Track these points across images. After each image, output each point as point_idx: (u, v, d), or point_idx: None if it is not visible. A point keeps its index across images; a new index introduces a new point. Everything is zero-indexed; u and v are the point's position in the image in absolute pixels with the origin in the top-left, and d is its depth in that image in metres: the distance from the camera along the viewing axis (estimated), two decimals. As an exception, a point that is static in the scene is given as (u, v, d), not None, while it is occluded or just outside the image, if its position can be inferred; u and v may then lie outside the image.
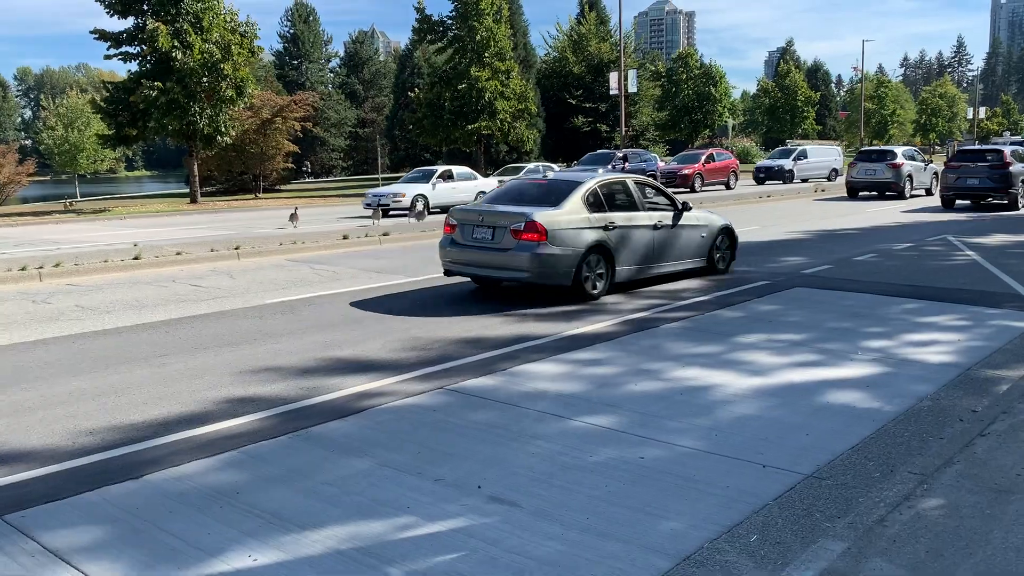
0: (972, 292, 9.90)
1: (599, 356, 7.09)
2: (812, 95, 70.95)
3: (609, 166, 28.47)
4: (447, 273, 10.37)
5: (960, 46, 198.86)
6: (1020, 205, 22.09)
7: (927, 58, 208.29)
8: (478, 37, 41.00)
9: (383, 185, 29.38)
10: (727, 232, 11.89)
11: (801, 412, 5.55)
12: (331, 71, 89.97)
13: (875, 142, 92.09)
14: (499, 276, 9.75)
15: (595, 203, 9.90)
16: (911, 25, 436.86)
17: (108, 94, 31.06)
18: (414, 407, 5.68)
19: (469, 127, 41.20)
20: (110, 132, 31.73)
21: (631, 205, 10.36)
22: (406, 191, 24.05)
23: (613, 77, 50.95)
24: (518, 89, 42.97)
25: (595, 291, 9.73)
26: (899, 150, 27.65)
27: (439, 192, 24.71)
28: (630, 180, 10.74)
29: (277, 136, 41.34)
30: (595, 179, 10.29)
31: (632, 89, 52.97)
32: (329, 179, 77.50)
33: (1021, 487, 3.99)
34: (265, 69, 70.82)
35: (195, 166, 32.23)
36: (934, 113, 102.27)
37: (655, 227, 10.46)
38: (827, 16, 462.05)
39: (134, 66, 30.71)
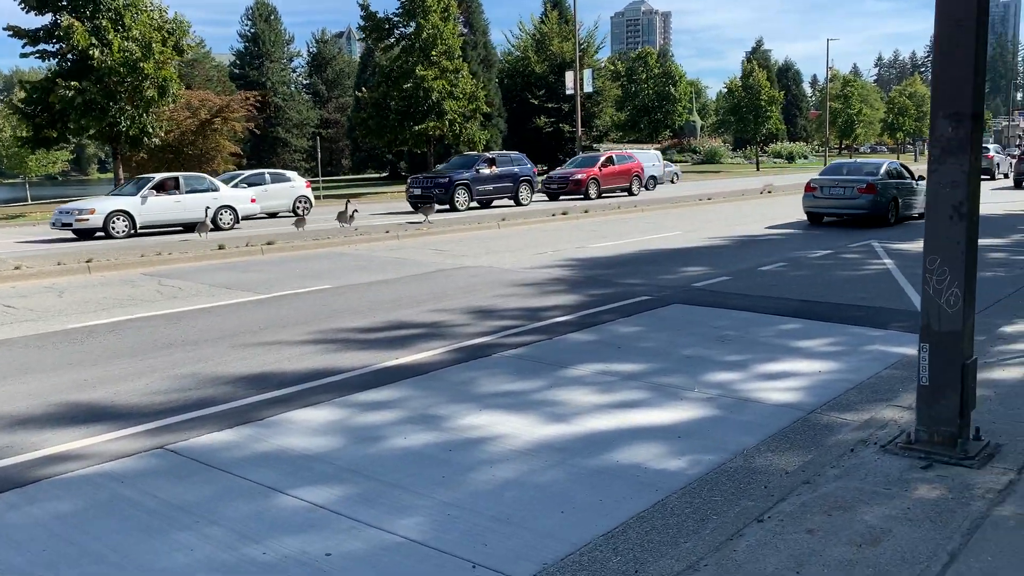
0: (865, 309, 8.97)
1: (393, 396, 6.04)
2: (776, 95, 70.26)
3: (473, 169, 26.08)
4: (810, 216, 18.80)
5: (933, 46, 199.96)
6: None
7: (901, 58, 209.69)
8: (424, 35, 39.84)
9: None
10: None
11: (576, 476, 4.53)
12: (293, 71, 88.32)
13: (844, 141, 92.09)
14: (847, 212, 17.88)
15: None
16: (887, 25, 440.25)
17: (26, 94, 29.60)
18: (100, 477, 4.59)
19: (416, 128, 40.02)
20: (28, 134, 30.28)
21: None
22: (97, 206, 18.91)
23: (569, 76, 50.13)
24: (468, 89, 41.84)
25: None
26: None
27: (152, 207, 19.39)
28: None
29: (217, 137, 39.88)
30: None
31: (588, 89, 52.15)
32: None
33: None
34: (218, 69, 69.41)
35: (119, 170, 30.78)
36: (901, 112, 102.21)
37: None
38: (804, 17, 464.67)
39: (54, 64, 29.27)
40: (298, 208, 24.97)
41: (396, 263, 13.57)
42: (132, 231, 19.01)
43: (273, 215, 25.30)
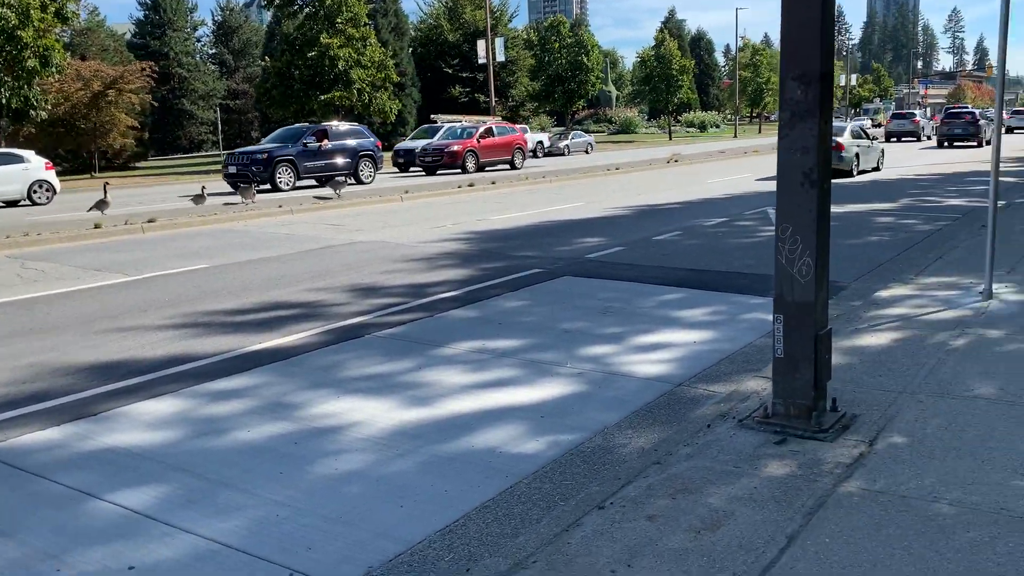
0: (750, 276, 8.95)
1: (247, 384, 5.67)
2: (687, 64, 70.95)
3: (300, 144, 23.15)
4: None
5: (840, 15, 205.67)
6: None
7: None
8: (329, 2, 38.61)
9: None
10: None
11: (426, 464, 4.27)
12: (198, 40, 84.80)
13: (754, 110, 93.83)
14: None
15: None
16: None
17: None
18: None
19: (323, 97, 38.89)
20: None
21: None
22: None
23: (481, 45, 49.54)
24: (376, 58, 40.83)
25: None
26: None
27: None
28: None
29: (111, 110, 37.97)
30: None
31: (501, 58, 51.62)
32: (198, 155, 73.13)
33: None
34: (114, 38, 66.06)
35: (1, 144, 28.96)
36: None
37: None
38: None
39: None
40: (34, 194, 21.21)
41: (284, 239, 13.04)
42: None
43: (10, 203, 21.21)
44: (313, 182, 24.05)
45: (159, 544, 3.51)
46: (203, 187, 18.90)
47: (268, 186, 22.19)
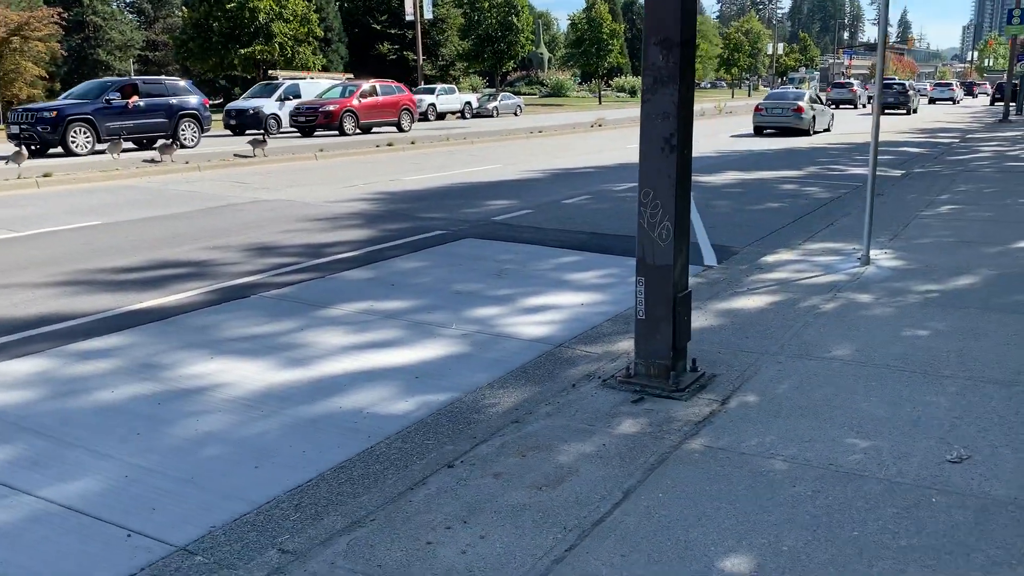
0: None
1: (117, 344, 5.52)
2: (617, 28, 71.03)
3: (101, 100, 19.96)
4: (757, 130, 26.04)
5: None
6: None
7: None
8: (249, -49, 37.32)
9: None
10: None
11: (290, 426, 4.25)
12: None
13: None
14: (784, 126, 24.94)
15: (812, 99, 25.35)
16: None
17: None
18: None
19: (243, 51, 37.75)
20: None
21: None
22: None
23: (408, 1, 48.56)
24: (299, 11, 39.76)
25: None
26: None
27: None
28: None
29: (16, 57, 36.12)
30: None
31: (428, 15, 50.76)
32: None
33: None
34: (19, -19, 62.57)
35: None
36: (736, 49, 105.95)
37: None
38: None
39: None
40: None
41: (186, 197, 12.67)
42: None
43: None
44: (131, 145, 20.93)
45: (-5, 506, 3.42)
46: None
47: (60, 149, 19.21)
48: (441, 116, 42.61)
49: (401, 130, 28.50)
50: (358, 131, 27.09)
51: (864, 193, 10.74)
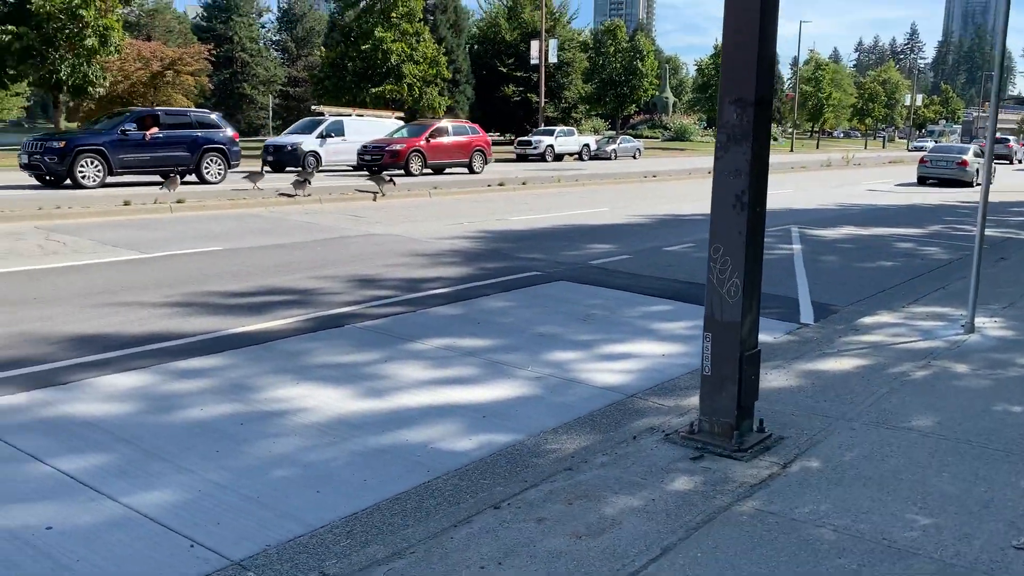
0: (745, 293, 8.93)
1: (215, 365, 5.90)
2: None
3: (116, 132, 18.61)
4: (920, 180, 26.57)
5: (913, 33, 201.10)
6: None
7: (880, 44, 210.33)
8: (385, -4, 39.18)
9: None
10: None
11: (355, 454, 4.44)
12: (263, 27, 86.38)
13: (814, 125, 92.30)
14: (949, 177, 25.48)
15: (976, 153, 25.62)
16: (872, 10, 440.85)
17: (-39, 37, 28.68)
18: None
19: (374, 90, 39.48)
20: (-37, 78, 29.40)
21: None
22: None
23: (535, 45, 49.66)
24: (429, 53, 41.31)
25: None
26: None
27: None
28: None
29: (168, 90, 39.06)
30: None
31: (553, 59, 51.67)
32: (255, 139, 74.49)
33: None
34: (180, 20, 67.77)
35: (61, 119, 30.07)
36: (871, 99, 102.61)
37: None
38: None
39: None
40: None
41: (303, 227, 13.36)
42: None
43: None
44: (148, 178, 20.14)
45: (82, 509, 3.73)
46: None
47: (68, 181, 18.16)
48: (559, 157, 43.12)
49: (473, 172, 27.79)
50: (426, 172, 26.37)
51: (987, 256, 10.14)
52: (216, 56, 44.46)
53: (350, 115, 30.27)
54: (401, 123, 30.56)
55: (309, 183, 17.68)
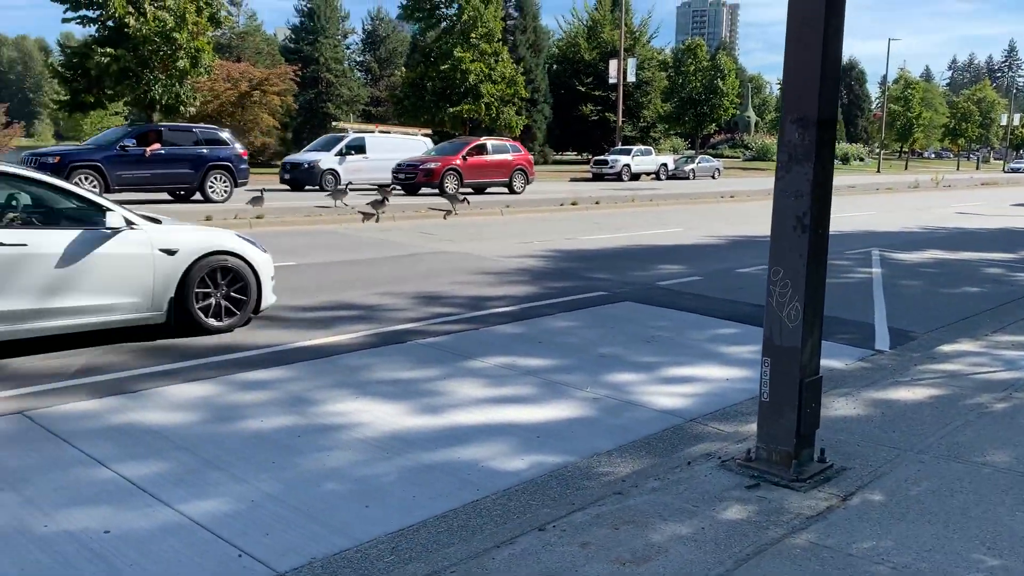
0: (817, 318, 8.67)
1: (277, 377, 6.02)
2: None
3: (115, 147, 18.46)
4: None
5: (1011, 51, 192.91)
6: None
7: (976, 62, 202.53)
8: (464, 17, 39.77)
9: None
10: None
11: (406, 470, 4.45)
12: (347, 48, 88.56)
13: (902, 145, 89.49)
14: None
15: None
16: (966, 27, 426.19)
17: (64, 58, 30.34)
18: (-60, 437, 4.65)
19: (452, 110, 40.04)
20: (66, 98, 31.05)
21: None
22: None
23: (613, 64, 49.66)
24: (507, 73, 41.71)
25: None
26: None
27: None
28: None
29: (255, 109, 40.40)
30: None
31: (632, 78, 51.52)
32: (338, 157, 76.18)
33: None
34: (268, 42, 70.12)
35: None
36: (964, 118, 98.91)
37: None
38: (880, 15, 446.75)
39: (93, 31, 29.90)
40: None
41: (376, 244, 13.58)
42: None
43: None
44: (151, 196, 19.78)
45: (139, 514, 3.84)
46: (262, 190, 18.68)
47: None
48: (635, 177, 42.88)
49: (513, 192, 26.76)
50: (464, 191, 25.00)
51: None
52: (302, 76, 45.80)
53: (373, 131, 29.49)
54: (428, 141, 29.73)
55: (388, 202, 17.89)
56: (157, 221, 7.13)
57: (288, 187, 26.17)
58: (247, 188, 21.28)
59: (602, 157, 44.15)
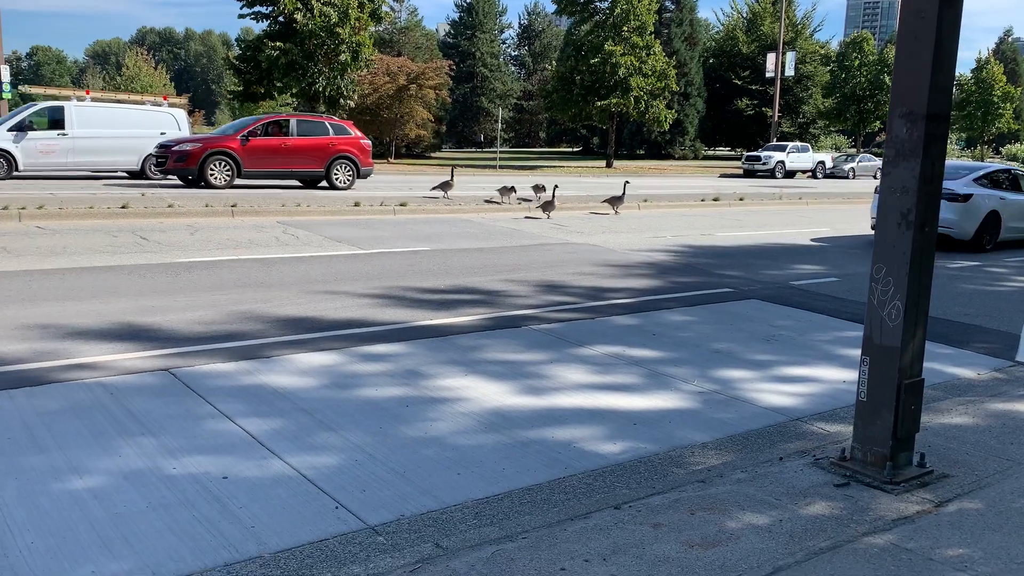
0: (957, 325, 8.25)
1: (396, 351, 6.38)
2: (1012, 91, 63.36)
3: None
4: None
5: None
6: None
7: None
8: (617, 10, 39.59)
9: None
10: None
11: (502, 444, 4.66)
12: (503, 42, 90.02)
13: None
14: None
15: None
16: None
17: (239, 52, 32.62)
18: (98, 386, 5.26)
19: (600, 103, 40.00)
20: (239, 88, 33.39)
21: None
22: None
23: (771, 58, 48.11)
24: (658, 67, 41.20)
25: None
26: None
27: None
28: None
29: (411, 103, 41.88)
30: None
31: (789, 72, 49.66)
32: (489, 150, 77.94)
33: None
34: (427, 37, 72.25)
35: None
36: None
37: None
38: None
39: (265, 26, 31.98)
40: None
41: (507, 233, 13.90)
42: None
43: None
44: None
45: (254, 464, 4.24)
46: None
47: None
48: (790, 175, 41.41)
49: (334, 187, 20.56)
50: (244, 183, 19.64)
51: None
52: (458, 70, 47.09)
53: (84, 99, 23.62)
54: (179, 113, 22.95)
55: (514, 190, 18.53)
56: None
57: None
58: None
59: (754, 153, 42.89)
